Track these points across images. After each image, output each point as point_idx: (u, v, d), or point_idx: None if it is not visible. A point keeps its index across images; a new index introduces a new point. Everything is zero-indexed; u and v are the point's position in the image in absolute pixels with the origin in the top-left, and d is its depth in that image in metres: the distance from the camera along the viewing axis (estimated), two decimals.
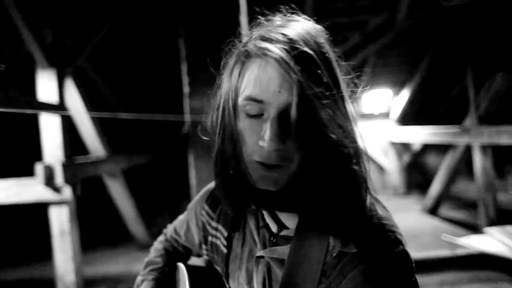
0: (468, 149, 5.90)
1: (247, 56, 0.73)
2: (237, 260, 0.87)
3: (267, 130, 0.68)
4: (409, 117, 8.49)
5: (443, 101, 8.15)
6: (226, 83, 0.77)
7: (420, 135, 7.01)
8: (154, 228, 6.73)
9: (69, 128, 4.25)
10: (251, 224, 0.85)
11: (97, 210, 6.57)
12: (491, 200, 5.61)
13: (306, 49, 0.68)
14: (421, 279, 4.26)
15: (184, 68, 2.80)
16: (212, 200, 0.98)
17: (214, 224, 0.95)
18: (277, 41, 0.69)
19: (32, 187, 3.85)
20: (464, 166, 6.58)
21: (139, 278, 1.06)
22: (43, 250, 4.95)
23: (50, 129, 3.99)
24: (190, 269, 0.96)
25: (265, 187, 0.72)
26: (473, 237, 5.14)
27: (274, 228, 0.81)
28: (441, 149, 7.90)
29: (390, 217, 0.76)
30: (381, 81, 7.87)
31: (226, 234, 0.91)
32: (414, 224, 6.36)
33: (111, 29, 4.53)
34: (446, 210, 7.08)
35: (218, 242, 0.93)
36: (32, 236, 6.29)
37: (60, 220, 3.98)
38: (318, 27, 0.77)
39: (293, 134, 0.68)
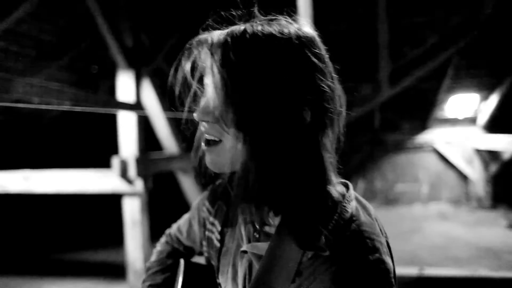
0: None
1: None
2: (227, 254, 0.90)
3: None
4: (497, 123, 7.83)
5: None
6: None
7: (509, 143, 6.45)
8: None
9: (145, 126, 4.56)
10: (241, 219, 0.88)
11: (169, 204, 6.96)
12: None
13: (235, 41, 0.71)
14: None
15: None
16: (212, 196, 1.02)
17: (211, 219, 0.98)
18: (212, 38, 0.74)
19: (108, 179, 4.19)
20: None
21: (142, 284, 1.09)
22: (116, 237, 5.36)
23: (126, 126, 4.33)
24: (190, 265, 1.00)
25: (209, 166, 0.79)
26: None
27: (257, 224, 0.83)
28: None
29: (372, 225, 0.74)
30: (466, 85, 7.35)
31: (220, 228, 0.94)
32: (496, 240, 5.87)
33: (186, 30, 4.78)
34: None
35: (213, 236, 0.96)
36: (109, 223, 6.84)
37: (132, 211, 4.28)
38: (290, 33, 0.72)
39: (212, 111, 0.73)
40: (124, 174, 4.14)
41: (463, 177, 8.66)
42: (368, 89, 6.13)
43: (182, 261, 1.01)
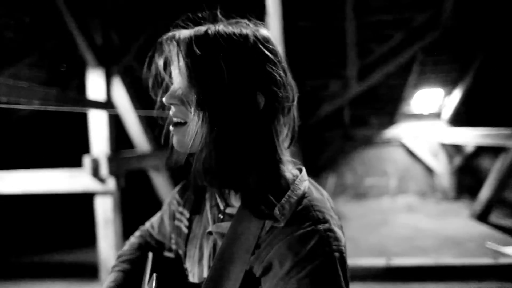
0: None
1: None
2: (194, 239, 0.97)
3: None
4: (461, 118, 8.15)
5: (498, 101, 7.73)
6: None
7: (472, 136, 6.73)
8: None
9: (116, 124, 4.53)
10: (207, 205, 0.97)
11: (141, 202, 6.93)
12: None
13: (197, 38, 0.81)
14: (456, 287, 4.15)
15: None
16: (181, 189, 1.09)
17: (180, 209, 1.05)
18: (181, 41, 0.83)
19: (80, 178, 4.16)
20: None
21: (111, 269, 1.14)
22: (88, 237, 5.31)
23: (97, 124, 4.30)
24: (158, 258, 1.05)
25: (176, 146, 0.88)
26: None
27: (222, 206, 0.92)
28: (496, 152, 7.51)
29: (323, 201, 0.84)
30: (431, 80, 7.61)
31: (188, 216, 1.01)
32: (459, 230, 6.13)
33: (155, 29, 4.77)
34: (496, 217, 6.74)
35: (181, 225, 1.03)
36: (77, 223, 6.75)
37: (104, 209, 4.27)
38: (243, 33, 0.82)
39: (178, 96, 0.84)
40: (96, 173, 4.12)
41: (429, 170, 8.97)
42: (337, 85, 6.27)
43: (150, 254, 1.06)
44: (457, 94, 7.84)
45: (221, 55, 0.78)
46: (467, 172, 8.81)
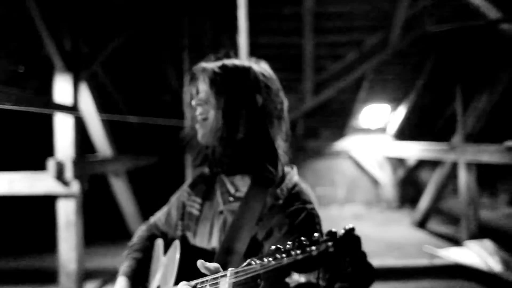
0: (455, 166, 6.20)
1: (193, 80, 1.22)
2: (205, 220, 1.21)
3: None
4: (405, 133, 8.80)
5: (438, 118, 8.46)
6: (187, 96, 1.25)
7: (413, 150, 7.33)
8: None
9: (80, 128, 4.60)
10: (218, 191, 1.22)
11: (100, 207, 6.92)
12: (472, 215, 5.89)
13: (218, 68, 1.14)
14: (397, 285, 4.57)
15: (186, 78, 3.14)
16: (192, 182, 1.34)
17: (192, 197, 1.29)
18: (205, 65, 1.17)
19: (43, 181, 4.20)
20: (453, 183, 6.88)
21: (126, 256, 1.35)
22: (43, 242, 5.25)
23: (63, 128, 4.35)
24: (184, 245, 1.26)
25: (200, 139, 1.16)
26: (452, 249, 5.44)
27: (232, 190, 1.18)
28: (434, 165, 8.20)
29: (308, 190, 1.17)
30: (379, 97, 8.19)
31: (200, 201, 1.25)
32: (401, 236, 6.65)
33: (124, 38, 4.91)
34: (433, 224, 7.36)
35: (193, 210, 1.26)
36: (31, 228, 6.62)
37: (66, 212, 4.31)
38: (248, 65, 1.18)
39: (203, 99, 1.16)
40: (60, 175, 4.17)
41: (375, 182, 9.57)
42: (293, 99, 6.64)
43: (177, 242, 1.21)
44: (402, 110, 8.49)
45: (232, 76, 1.13)
46: (409, 183, 9.51)
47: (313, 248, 0.55)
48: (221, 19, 3.43)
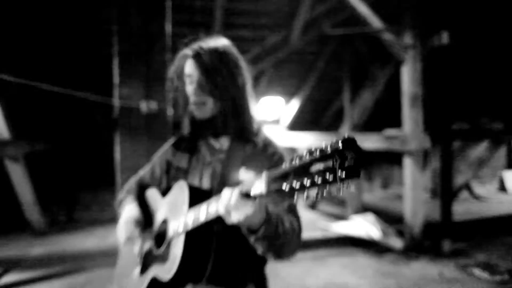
0: None
1: (185, 57, 1.43)
2: (194, 171, 1.48)
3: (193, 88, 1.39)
4: (297, 124, 9.61)
5: (328, 111, 9.44)
6: (177, 70, 1.46)
7: (304, 140, 8.12)
8: (48, 216, 6.83)
9: None
10: (202, 147, 1.50)
11: None
12: (356, 195, 6.84)
13: (204, 50, 1.38)
14: (297, 255, 5.19)
15: (115, 61, 3.28)
16: (175, 143, 1.59)
17: (178, 154, 1.54)
18: (193, 49, 1.39)
19: None
20: None
21: (118, 206, 1.60)
22: None
23: None
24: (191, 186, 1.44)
25: (198, 115, 1.41)
26: (341, 223, 6.27)
27: (217, 146, 1.48)
28: None
29: (276, 142, 1.50)
30: (275, 90, 8.85)
31: (187, 156, 1.52)
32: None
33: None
34: (323, 206, 8.28)
35: (181, 163, 1.52)
36: None
37: None
38: (225, 42, 1.45)
39: (201, 85, 1.38)
40: None
41: None
42: None
43: (182, 182, 1.39)
44: (295, 103, 9.27)
45: (219, 58, 1.38)
46: None
47: (328, 147, 0.84)
48: (148, 8, 3.56)
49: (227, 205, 1.06)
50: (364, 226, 5.88)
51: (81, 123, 7.45)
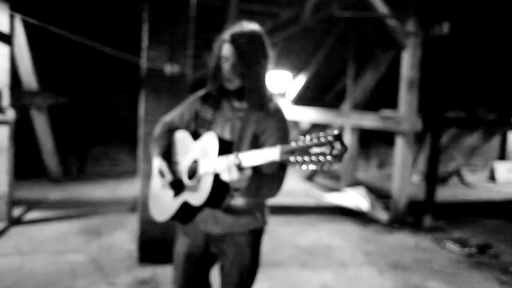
0: (342, 130, 7.50)
1: (223, 41, 1.76)
2: (217, 123, 1.86)
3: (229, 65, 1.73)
4: (301, 100, 9.97)
5: (331, 88, 9.78)
6: (216, 50, 1.80)
7: (309, 115, 8.51)
8: (62, 166, 7.33)
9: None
10: (225, 105, 1.85)
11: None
12: (350, 170, 7.29)
13: (240, 37, 1.69)
14: (291, 218, 5.68)
15: (145, 27, 3.64)
16: (203, 96, 1.93)
17: (205, 106, 1.90)
18: (231, 35, 1.72)
19: None
20: None
21: (153, 141, 1.96)
22: None
23: None
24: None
25: (228, 86, 1.75)
26: (333, 194, 6.74)
27: (237, 105, 1.83)
28: (324, 128, 9.52)
29: (284, 108, 1.87)
30: (284, 65, 9.17)
31: (212, 110, 1.88)
32: (293, 186, 7.83)
33: None
34: (320, 179, 8.76)
35: (206, 115, 1.89)
36: None
37: (1, 138, 4.54)
38: (257, 29, 1.77)
39: (235, 67, 1.68)
40: None
41: None
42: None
43: (213, 133, 1.67)
44: (301, 79, 9.61)
45: (251, 42, 1.71)
46: None
47: (323, 137, 1.24)
48: None
49: (228, 168, 1.48)
50: (354, 198, 6.35)
51: (100, 81, 7.83)
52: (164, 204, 1.85)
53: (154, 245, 3.78)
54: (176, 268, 1.91)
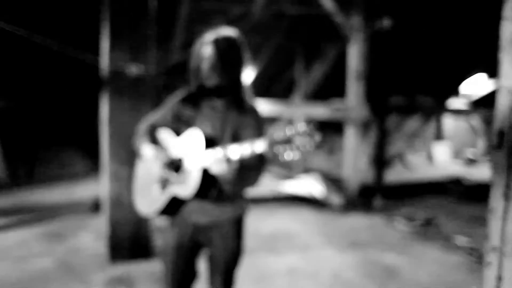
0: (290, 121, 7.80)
1: (203, 43, 1.92)
2: (197, 121, 1.99)
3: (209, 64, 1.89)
4: (253, 91, 10.19)
5: (281, 81, 10.08)
6: (197, 51, 1.95)
7: (259, 105, 8.74)
8: (10, 170, 7.10)
9: None
10: (205, 103, 1.99)
11: None
12: (301, 160, 7.62)
13: (221, 40, 1.87)
14: (251, 208, 5.89)
15: (106, 26, 3.66)
16: (183, 99, 2.06)
17: (186, 107, 2.02)
18: (211, 37, 1.88)
19: None
20: None
21: (140, 137, 2.07)
22: None
23: None
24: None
25: (210, 83, 1.89)
26: (289, 182, 7.04)
27: (217, 104, 1.98)
28: (273, 121, 9.82)
29: (258, 105, 2.06)
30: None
31: (193, 109, 2.00)
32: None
33: None
34: (274, 168, 9.06)
35: (187, 114, 2.00)
36: None
37: None
38: (236, 34, 1.94)
39: (215, 66, 1.83)
40: None
41: None
42: (163, 52, 7.32)
43: (197, 129, 1.91)
44: (251, 72, 9.81)
45: (231, 48, 1.88)
46: None
47: (300, 128, 1.44)
48: None
49: (217, 160, 1.65)
50: (309, 185, 6.69)
51: (48, 84, 7.61)
52: (151, 197, 1.95)
53: (125, 242, 3.85)
54: (166, 259, 2.03)
